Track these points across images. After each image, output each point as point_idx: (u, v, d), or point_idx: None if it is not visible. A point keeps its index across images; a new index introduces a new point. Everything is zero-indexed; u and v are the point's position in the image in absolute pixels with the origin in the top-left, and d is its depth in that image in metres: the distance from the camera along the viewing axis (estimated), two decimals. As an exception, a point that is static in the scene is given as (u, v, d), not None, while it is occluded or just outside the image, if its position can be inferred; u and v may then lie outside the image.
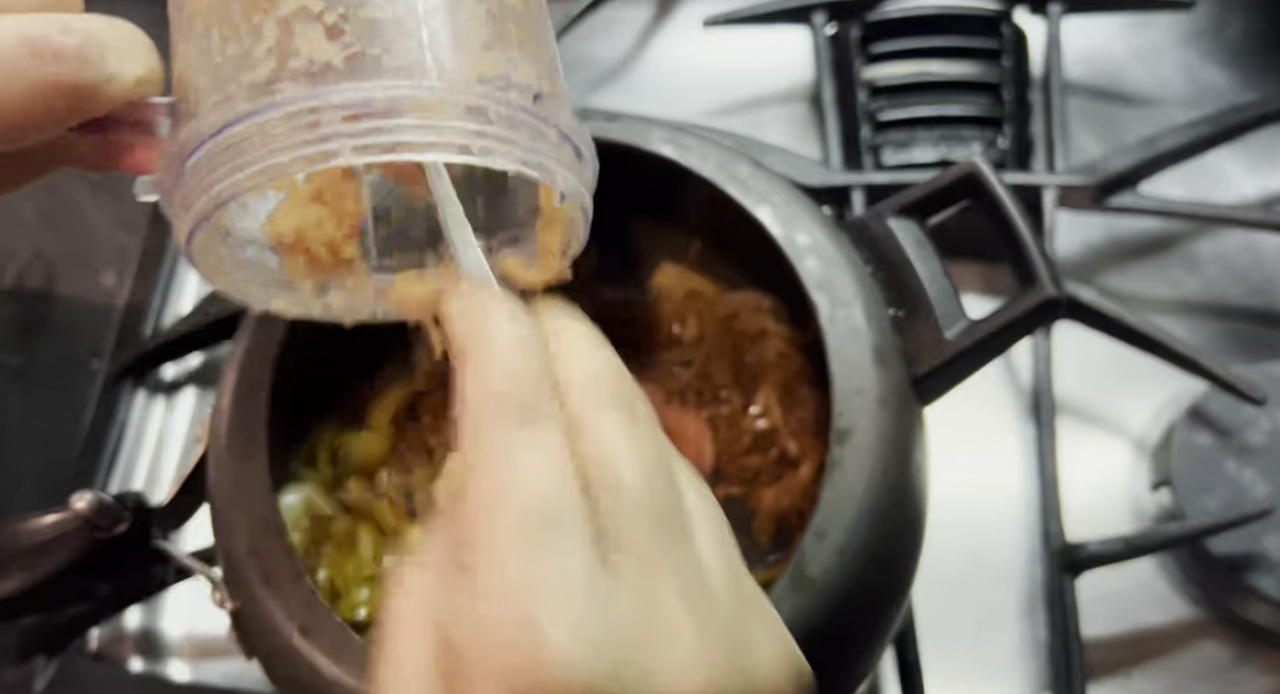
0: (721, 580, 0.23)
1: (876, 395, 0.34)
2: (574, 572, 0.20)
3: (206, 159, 0.23)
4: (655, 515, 0.22)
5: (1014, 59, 0.58)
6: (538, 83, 0.24)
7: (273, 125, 0.22)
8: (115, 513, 0.34)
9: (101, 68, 0.22)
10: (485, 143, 0.23)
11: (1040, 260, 0.34)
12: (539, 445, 0.21)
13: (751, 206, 0.37)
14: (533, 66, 0.24)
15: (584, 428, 0.22)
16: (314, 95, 0.22)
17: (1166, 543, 0.46)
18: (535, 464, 0.21)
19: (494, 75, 0.23)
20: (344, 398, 0.46)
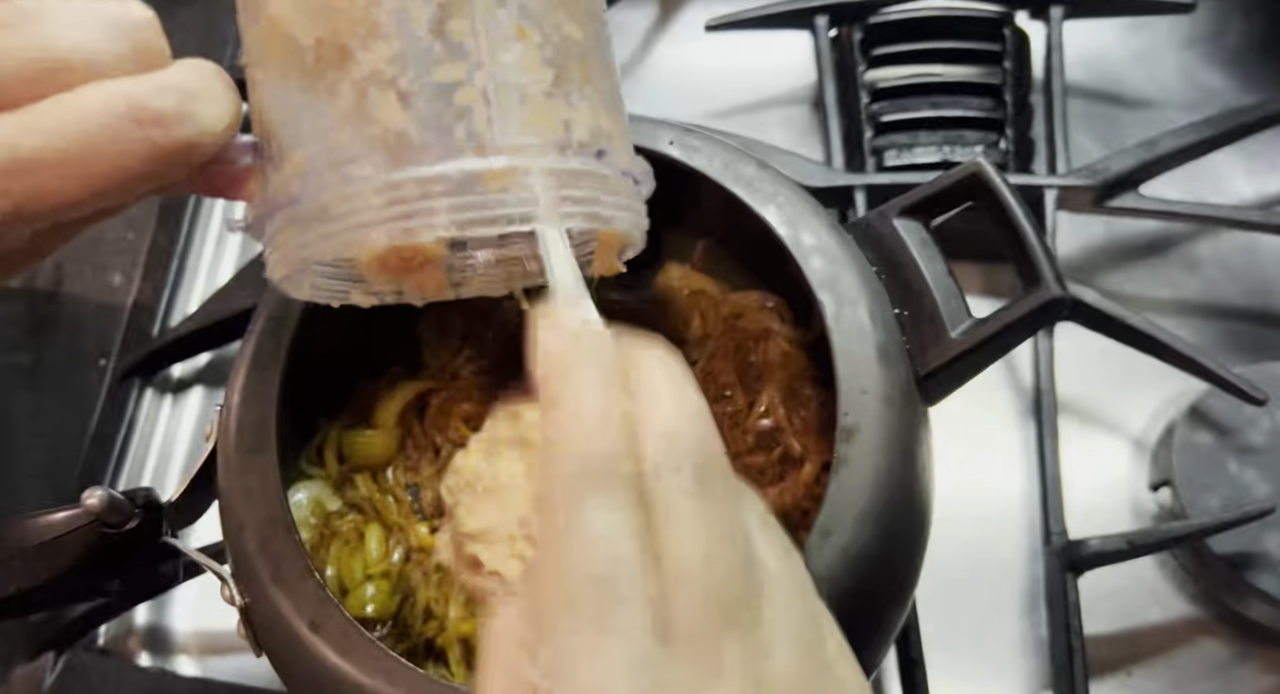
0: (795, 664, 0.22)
1: (882, 394, 0.34)
2: (627, 653, 0.20)
3: (298, 219, 0.24)
4: (717, 602, 0.21)
5: (1015, 62, 0.58)
6: (599, 127, 0.25)
7: (358, 197, 0.23)
8: (126, 510, 0.35)
9: (197, 122, 0.23)
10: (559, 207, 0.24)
11: (1044, 260, 0.34)
12: (607, 520, 0.21)
13: (758, 207, 0.37)
14: (592, 108, 0.25)
15: (655, 499, 0.22)
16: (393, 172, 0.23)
17: (1168, 541, 0.46)
18: (600, 538, 0.21)
19: (556, 131, 0.24)
20: (351, 396, 0.46)
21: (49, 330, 0.56)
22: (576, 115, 0.25)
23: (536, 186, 0.24)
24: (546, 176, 0.24)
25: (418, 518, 0.45)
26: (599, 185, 0.25)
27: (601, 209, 0.25)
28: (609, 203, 0.25)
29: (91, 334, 0.57)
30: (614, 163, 0.25)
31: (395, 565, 0.43)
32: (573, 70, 0.25)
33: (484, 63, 0.24)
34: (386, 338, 0.47)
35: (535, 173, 0.24)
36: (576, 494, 0.21)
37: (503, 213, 0.23)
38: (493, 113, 0.23)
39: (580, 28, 0.25)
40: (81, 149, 0.22)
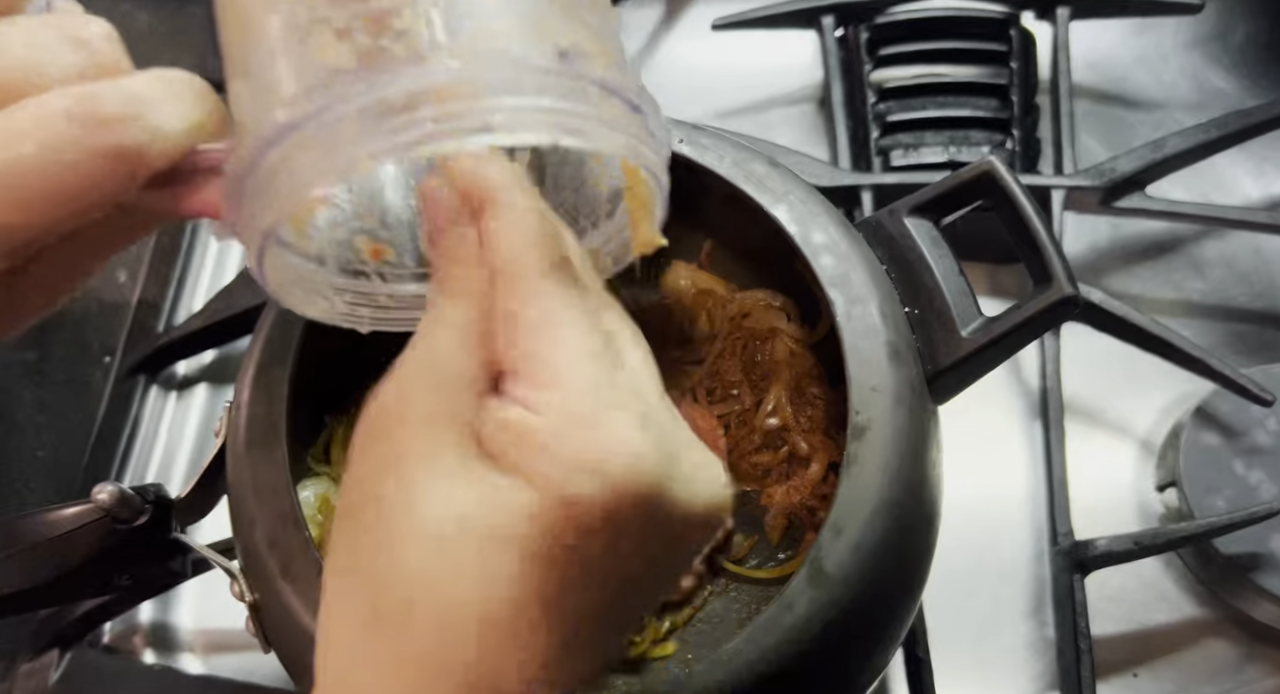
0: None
1: (892, 392, 0.34)
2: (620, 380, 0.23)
3: (253, 188, 0.23)
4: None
5: (1022, 62, 0.58)
6: (563, 39, 0.23)
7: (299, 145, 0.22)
8: (136, 505, 0.35)
9: (146, 125, 0.22)
10: (507, 117, 0.22)
11: (1056, 259, 0.34)
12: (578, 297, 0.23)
13: (768, 205, 0.37)
14: (564, 25, 0.23)
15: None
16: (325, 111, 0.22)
17: (1175, 542, 0.46)
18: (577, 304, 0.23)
19: (512, 39, 0.22)
20: (358, 393, 0.46)
21: (54, 327, 0.56)
22: (539, 26, 0.23)
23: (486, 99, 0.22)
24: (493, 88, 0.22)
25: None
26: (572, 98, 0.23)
27: (580, 123, 0.23)
28: (588, 116, 0.23)
29: (97, 331, 0.57)
30: (585, 72, 0.23)
31: (402, 563, 0.43)
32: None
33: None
34: (393, 334, 0.47)
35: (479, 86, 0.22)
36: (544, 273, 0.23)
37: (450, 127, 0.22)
38: (435, 29, 0.22)
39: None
40: (18, 162, 0.21)
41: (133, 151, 0.22)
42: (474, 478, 0.22)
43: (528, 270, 0.23)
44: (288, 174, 0.22)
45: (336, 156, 0.22)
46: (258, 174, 0.23)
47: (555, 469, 0.22)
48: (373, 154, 0.22)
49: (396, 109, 0.22)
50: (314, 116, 0.22)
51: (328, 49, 0.22)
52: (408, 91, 0.22)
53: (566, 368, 0.22)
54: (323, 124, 0.22)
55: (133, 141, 0.22)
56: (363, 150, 0.22)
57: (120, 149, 0.22)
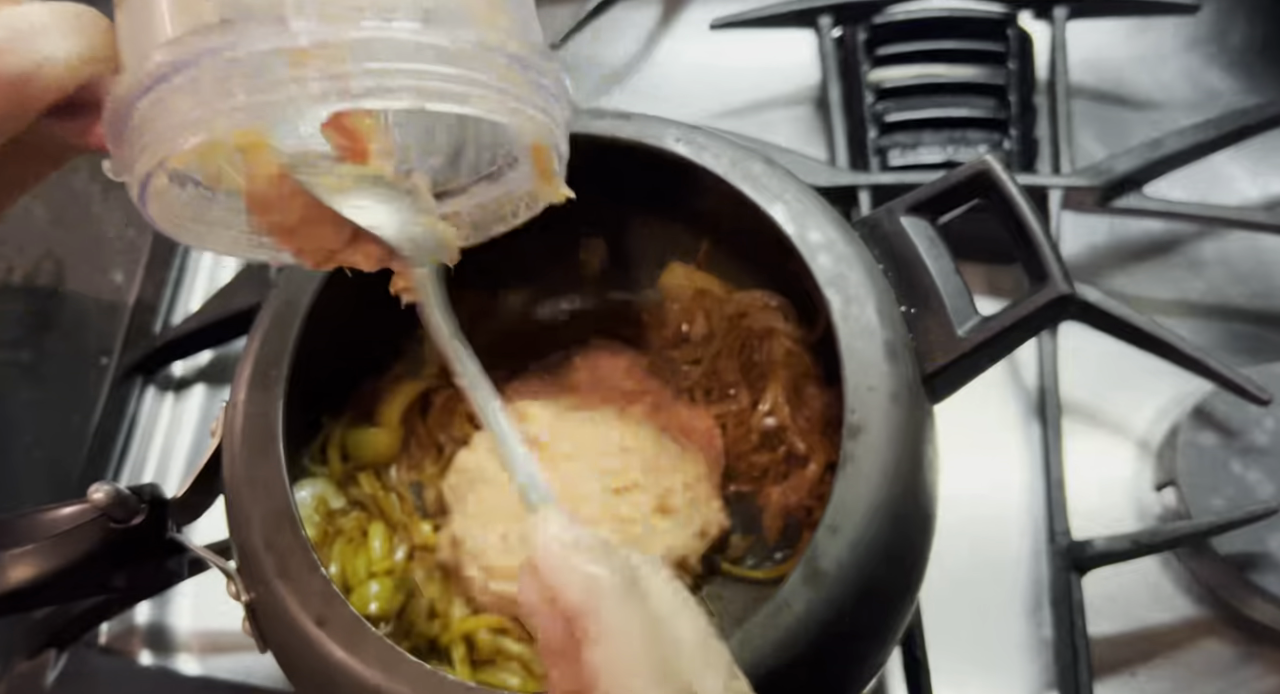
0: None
1: (889, 391, 0.34)
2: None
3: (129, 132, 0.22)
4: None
5: (1019, 62, 0.58)
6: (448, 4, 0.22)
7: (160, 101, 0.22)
8: (132, 505, 0.34)
9: (32, 54, 0.22)
10: (367, 82, 0.21)
11: (1052, 257, 0.34)
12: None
13: (765, 204, 0.37)
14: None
15: None
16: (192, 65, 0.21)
17: (1173, 541, 0.46)
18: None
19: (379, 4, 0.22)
20: (355, 394, 0.46)
21: (51, 328, 0.56)
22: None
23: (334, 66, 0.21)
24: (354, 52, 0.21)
25: (420, 516, 0.45)
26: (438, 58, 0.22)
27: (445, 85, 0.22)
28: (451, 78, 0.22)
29: (93, 332, 0.57)
30: (460, 34, 0.22)
31: (399, 563, 0.43)
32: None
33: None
34: (389, 336, 0.47)
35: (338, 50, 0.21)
36: None
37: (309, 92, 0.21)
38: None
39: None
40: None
41: (19, 78, 0.22)
42: None
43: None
44: (159, 122, 0.22)
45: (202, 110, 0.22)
46: (132, 119, 0.22)
47: None
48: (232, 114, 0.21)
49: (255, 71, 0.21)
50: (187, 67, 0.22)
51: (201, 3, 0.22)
52: (264, 51, 0.21)
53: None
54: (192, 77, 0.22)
55: (17, 69, 0.22)
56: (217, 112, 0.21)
57: (13, 75, 0.22)
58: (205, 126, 0.22)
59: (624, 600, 0.24)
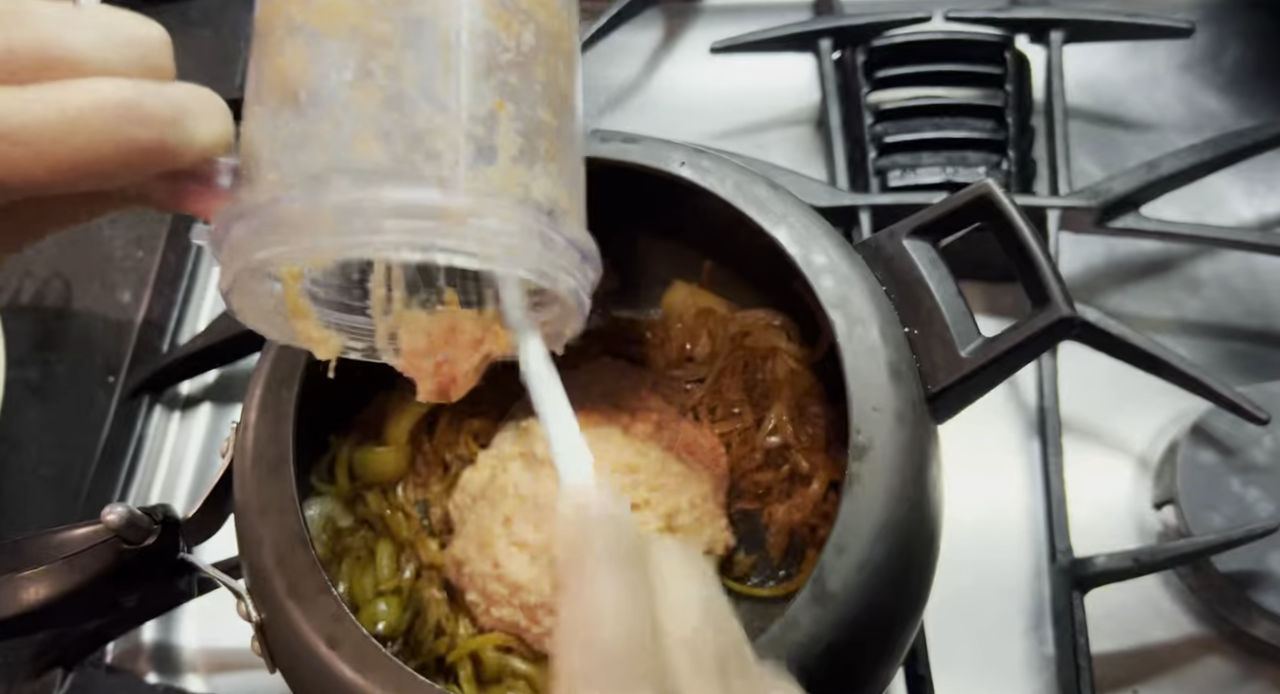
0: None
1: (893, 411, 0.35)
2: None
3: (255, 227, 0.25)
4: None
5: (1016, 84, 0.59)
6: (555, 199, 0.27)
7: (320, 212, 0.25)
8: (145, 526, 0.35)
9: (181, 132, 0.25)
10: (503, 251, 0.26)
11: (1053, 280, 0.35)
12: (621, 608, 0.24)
13: (769, 227, 0.38)
14: (552, 182, 0.28)
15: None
16: (360, 193, 0.25)
17: (1174, 559, 0.46)
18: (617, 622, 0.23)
19: (516, 189, 0.26)
20: (362, 413, 0.46)
21: (58, 347, 0.56)
22: (535, 183, 0.27)
23: (493, 231, 0.25)
24: (504, 224, 0.26)
25: (427, 534, 0.45)
26: (546, 245, 0.27)
27: (544, 266, 0.27)
28: (554, 262, 0.27)
29: (101, 351, 0.57)
30: (563, 231, 0.27)
31: (406, 582, 0.43)
32: (539, 146, 0.27)
33: (461, 121, 0.26)
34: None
35: (482, 218, 0.25)
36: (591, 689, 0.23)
37: (450, 246, 0.25)
38: (461, 160, 0.26)
39: (554, 115, 0.28)
40: (60, 130, 0.24)
41: (164, 150, 0.25)
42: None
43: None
44: (294, 234, 0.25)
45: (350, 237, 0.25)
46: (262, 219, 0.25)
47: None
48: (385, 245, 0.25)
49: (414, 215, 0.25)
50: (338, 193, 0.25)
51: (369, 144, 0.25)
52: (429, 205, 0.25)
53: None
54: (347, 205, 0.25)
55: (169, 142, 0.25)
56: (378, 241, 0.25)
57: (155, 146, 0.25)
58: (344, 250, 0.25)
59: (607, 566, 0.24)
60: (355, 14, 0.26)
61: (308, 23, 0.26)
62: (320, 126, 0.26)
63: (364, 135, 0.25)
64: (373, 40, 0.26)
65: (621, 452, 0.44)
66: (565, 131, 0.29)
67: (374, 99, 0.25)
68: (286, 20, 0.26)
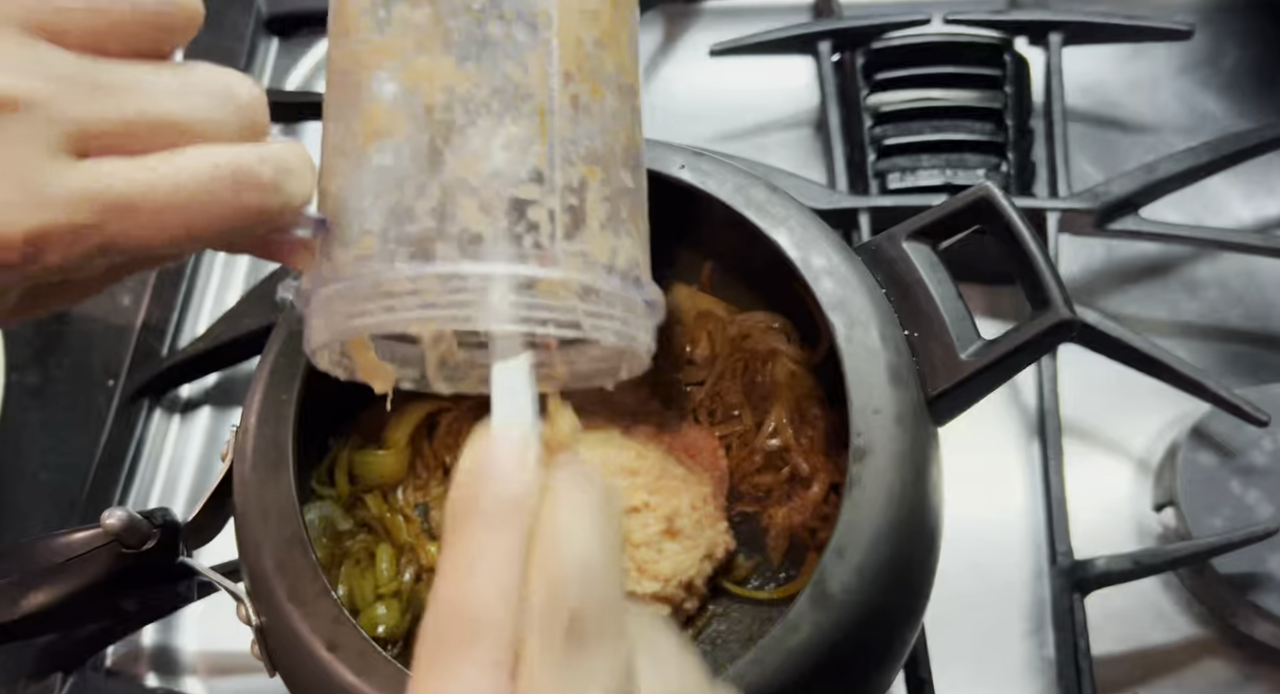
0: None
1: (893, 414, 0.35)
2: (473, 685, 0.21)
3: (354, 294, 0.26)
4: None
5: (1015, 87, 0.59)
6: (636, 259, 0.28)
7: (423, 282, 0.25)
8: (145, 530, 0.35)
9: (284, 193, 0.26)
10: (594, 321, 0.27)
11: (1053, 282, 0.35)
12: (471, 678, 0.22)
13: (769, 230, 0.38)
14: (634, 242, 0.29)
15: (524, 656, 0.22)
16: (464, 264, 0.26)
17: (1174, 562, 0.46)
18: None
19: (604, 256, 0.27)
20: (362, 416, 0.46)
21: (58, 351, 0.56)
22: (622, 246, 0.28)
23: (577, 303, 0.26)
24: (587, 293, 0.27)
25: (427, 537, 0.45)
26: (629, 308, 0.28)
27: (629, 329, 0.28)
28: (638, 326, 0.28)
29: (100, 355, 0.57)
30: (645, 293, 0.29)
31: (406, 585, 0.43)
32: (623, 210, 0.28)
33: (556, 190, 0.26)
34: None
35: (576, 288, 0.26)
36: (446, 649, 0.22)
37: (552, 317, 0.26)
38: (558, 231, 0.26)
39: (633, 178, 0.29)
40: (179, 198, 0.24)
41: (271, 212, 0.26)
42: None
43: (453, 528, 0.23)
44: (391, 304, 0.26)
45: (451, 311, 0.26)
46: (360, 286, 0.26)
47: None
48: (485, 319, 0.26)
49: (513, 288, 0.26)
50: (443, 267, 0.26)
51: (472, 216, 0.26)
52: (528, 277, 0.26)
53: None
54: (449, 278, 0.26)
55: (274, 203, 0.26)
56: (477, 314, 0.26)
57: (264, 208, 0.25)
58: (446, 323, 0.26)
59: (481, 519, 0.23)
60: (451, 76, 0.26)
61: (401, 81, 0.26)
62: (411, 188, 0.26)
63: (467, 205, 0.26)
64: (470, 104, 0.26)
65: (621, 454, 0.44)
66: (640, 192, 0.30)
67: (475, 166, 0.26)
68: (374, 73, 0.27)
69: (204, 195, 0.24)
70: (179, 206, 0.24)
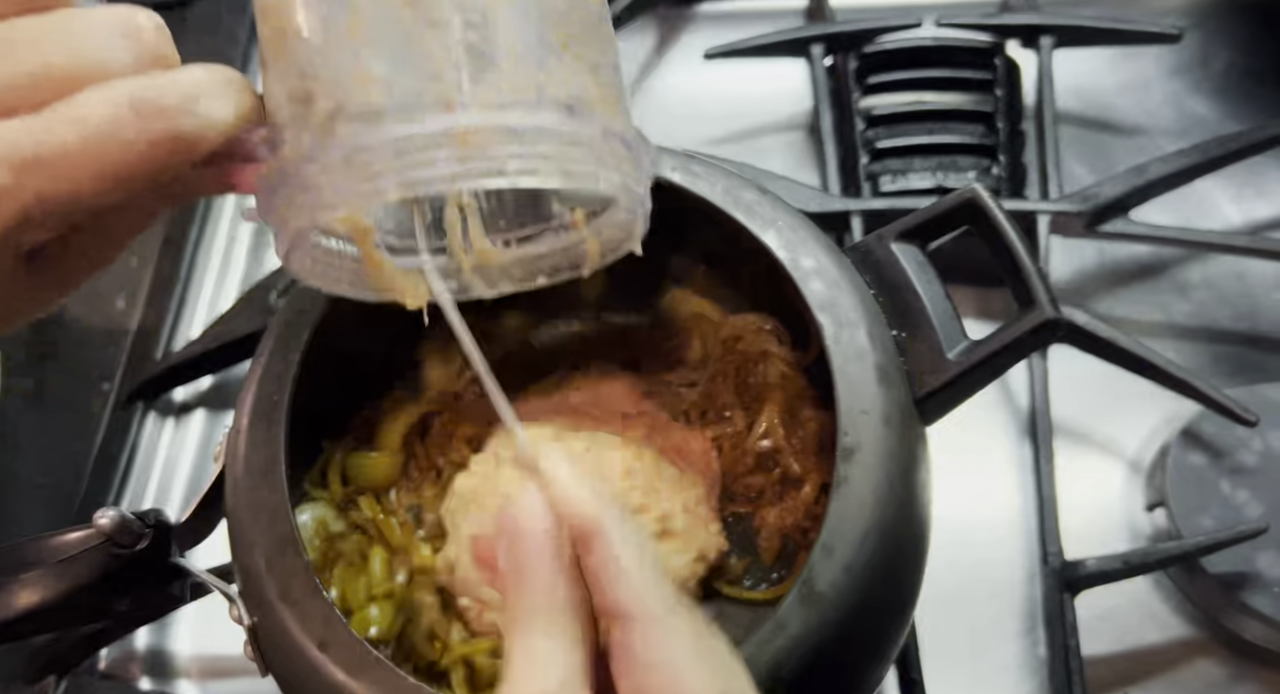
0: None
1: (881, 414, 0.35)
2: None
3: (285, 196, 0.25)
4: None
5: (1007, 90, 0.59)
6: (573, 90, 0.25)
7: (332, 168, 0.24)
8: (137, 530, 0.35)
9: (199, 116, 0.25)
10: (521, 163, 0.24)
11: (1039, 283, 0.35)
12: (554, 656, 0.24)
13: (758, 231, 0.38)
14: (572, 73, 0.26)
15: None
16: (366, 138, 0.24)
17: (1164, 561, 0.46)
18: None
19: (527, 91, 0.25)
20: (355, 419, 0.47)
21: (52, 355, 0.57)
22: (552, 79, 0.25)
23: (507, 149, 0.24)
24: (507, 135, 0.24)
25: (420, 539, 0.45)
26: (574, 141, 0.25)
27: (582, 165, 0.25)
28: (587, 159, 0.25)
29: (95, 358, 0.58)
30: (592, 122, 0.25)
31: (398, 587, 0.44)
32: (550, 38, 0.25)
33: (454, 31, 0.24)
34: (389, 360, 0.48)
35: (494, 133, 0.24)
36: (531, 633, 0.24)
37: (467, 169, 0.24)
38: (464, 76, 0.24)
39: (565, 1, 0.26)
40: (85, 142, 0.24)
41: (187, 137, 0.25)
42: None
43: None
44: (316, 192, 0.24)
45: (363, 185, 0.24)
46: (289, 184, 0.25)
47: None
48: (398, 186, 0.24)
49: (422, 147, 0.24)
50: (345, 145, 0.24)
51: (367, 82, 0.24)
52: (433, 133, 0.24)
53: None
54: (353, 153, 0.24)
55: (188, 129, 0.24)
56: (389, 183, 0.24)
57: (176, 135, 0.24)
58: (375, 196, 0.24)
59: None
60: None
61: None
62: (316, 72, 0.25)
63: (360, 73, 0.24)
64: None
65: (616, 456, 0.44)
66: (580, 12, 0.26)
67: (362, 29, 0.24)
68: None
69: (109, 133, 0.24)
70: (90, 151, 0.24)
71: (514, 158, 0.24)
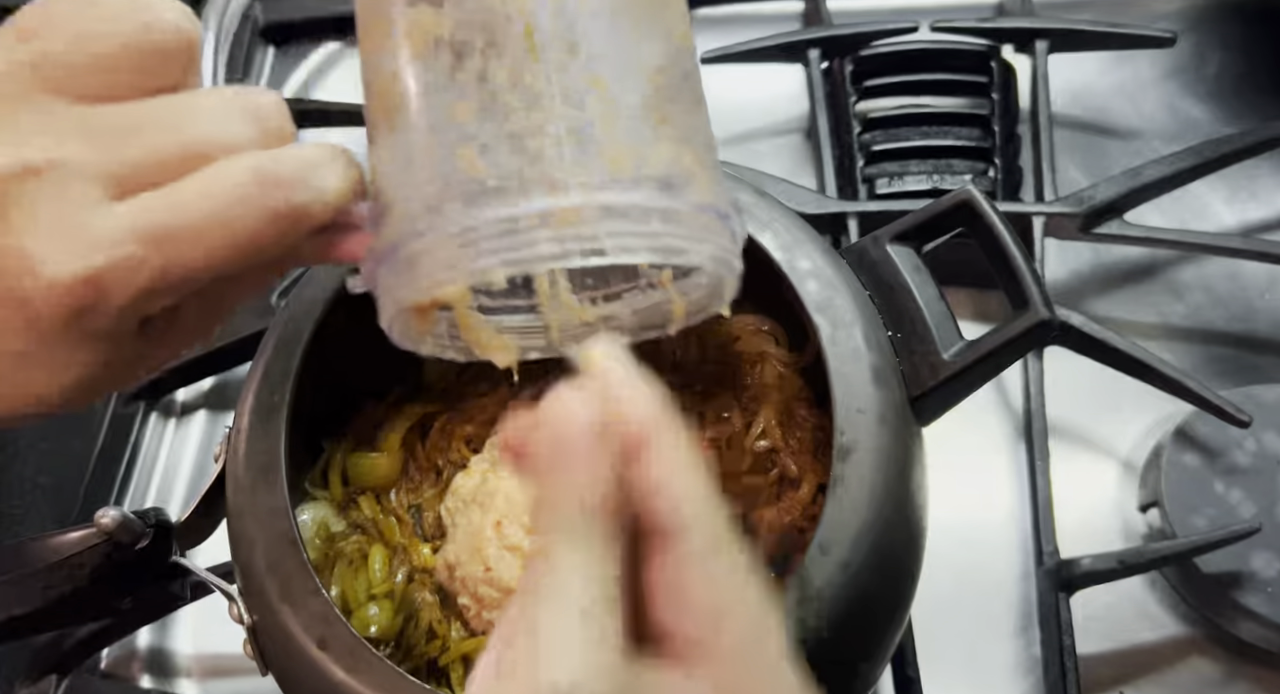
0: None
1: (877, 414, 0.35)
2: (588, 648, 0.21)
3: (392, 270, 0.26)
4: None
5: (1002, 93, 0.60)
6: (669, 165, 0.26)
7: (439, 243, 0.25)
8: (138, 529, 0.35)
9: (313, 188, 0.26)
10: (617, 241, 0.25)
11: (1033, 284, 0.35)
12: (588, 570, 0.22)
13: (755, 232, 0.38)
14: (671, 143, 0.26)
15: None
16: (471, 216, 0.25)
17: (1158, 561, 0.47)
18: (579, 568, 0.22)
19: (626, 170, 0.25)
20: (355, 419, 0.47)
21: (54, 355, 0.57)
22: (651, 153, 0.26)
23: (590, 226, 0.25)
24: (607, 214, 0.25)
25: (420, 539, 0.46)
26: (668, 218, 0.25)
27: (677, 242, 0.25)
28: (681, 235, 0.26)
29: (96, 359, 0.58)
30: (687, 197, 0.26)
31: (398, 586, 0.44)
32: (649, 113, 0.26)
33: (555, 110, 0.25)
34: (390, 360, 0.48)
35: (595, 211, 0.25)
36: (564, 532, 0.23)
37: (565, 250, 0.25)
38: (565, 154, 0.25)
39: (659, 69, 0.26)
40: (213, 215, 0.25)
41: (301, 209, 0.26)
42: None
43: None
44: (426, 268, 0.25)
45: (470, 263, 0.25)
46: (397, 258, 0.26)
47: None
48: (503, 264, 0.25)
49: (524, 227, 0.25)
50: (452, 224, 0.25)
51: (472, 161, 0.25)
52: (535, 213, 0.25)
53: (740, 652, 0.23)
54: (460, 232, 0.25)
55: (302, 200, 0.26)
56: (494, 261, 0.25)
57: (291, 206, 0.26)
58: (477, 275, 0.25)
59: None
60: (435, 26, 0.25)
61: (397, 44, 0.26)
62: (425, 151, 0.26)
63: (466, 153, 0.25)
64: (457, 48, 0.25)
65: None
66: (676, 81, 0.27)
67: (468, 110, 0.25)
68: (378, 46, 0.27)
69: (235, 205, 0.25)
70: (215, 222, 0.25)
71: (611, 235, 0.25)
